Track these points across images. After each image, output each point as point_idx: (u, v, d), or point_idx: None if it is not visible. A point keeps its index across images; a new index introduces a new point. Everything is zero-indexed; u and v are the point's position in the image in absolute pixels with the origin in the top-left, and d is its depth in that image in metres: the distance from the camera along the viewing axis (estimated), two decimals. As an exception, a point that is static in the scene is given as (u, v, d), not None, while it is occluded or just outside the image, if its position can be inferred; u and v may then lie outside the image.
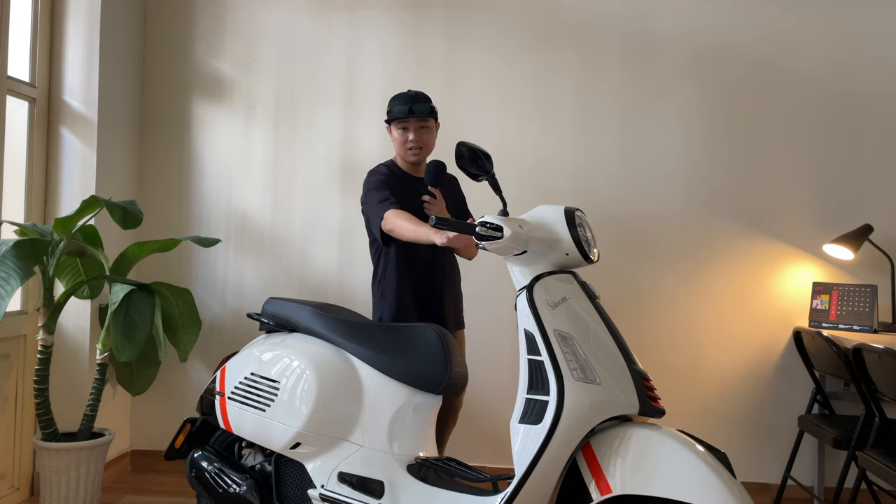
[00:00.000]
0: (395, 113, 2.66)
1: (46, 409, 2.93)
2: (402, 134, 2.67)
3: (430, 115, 2.69)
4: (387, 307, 2.69)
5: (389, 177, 2.68)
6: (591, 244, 2.08)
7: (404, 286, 2.69)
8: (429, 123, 2.69)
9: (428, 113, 2.67)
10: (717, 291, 3.46)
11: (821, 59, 3.43)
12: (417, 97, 2.66)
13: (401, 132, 2.68)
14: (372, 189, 2.64)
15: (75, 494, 2.94)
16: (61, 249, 2.88)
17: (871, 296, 3.15)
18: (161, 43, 3.73)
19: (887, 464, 2.37)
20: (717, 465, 1.73)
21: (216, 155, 3.70)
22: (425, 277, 2.70)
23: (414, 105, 2.64)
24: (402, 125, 2.67)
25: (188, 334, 3.25)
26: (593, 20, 3.52)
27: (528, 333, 1.96)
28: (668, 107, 3.49)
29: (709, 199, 3.47)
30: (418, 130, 2.67)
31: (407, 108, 2.63)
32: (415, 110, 2.63)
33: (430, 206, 2.60)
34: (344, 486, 2.17)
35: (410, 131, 2.66)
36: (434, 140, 2.75)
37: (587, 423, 1.84)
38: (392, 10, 3.61)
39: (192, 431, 2.54)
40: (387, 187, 2.62)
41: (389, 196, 2.56)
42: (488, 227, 1.97)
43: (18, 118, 3.20)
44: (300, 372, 2.27)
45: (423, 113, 2.65)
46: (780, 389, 3.42)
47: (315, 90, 3.65)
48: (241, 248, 3.68)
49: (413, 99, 2.65)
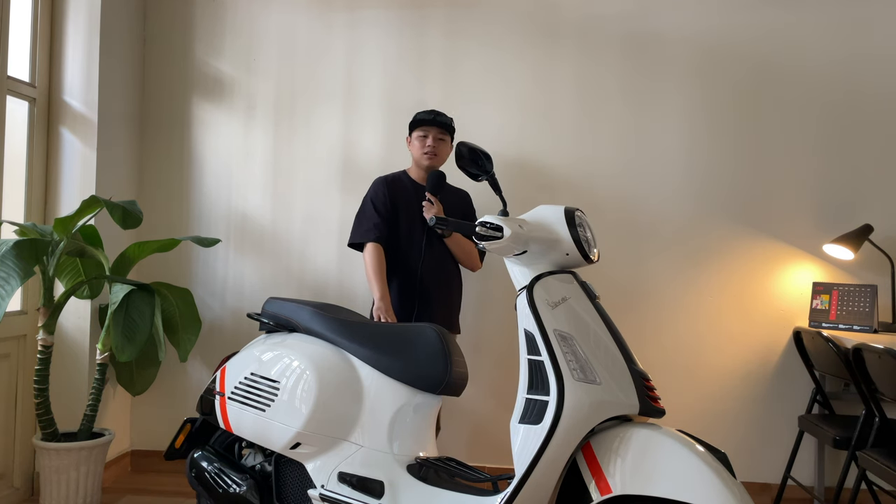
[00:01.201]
0: (420, 116, 2.93)
1: (46, 409, 2.93)
2: (422, 140, 2.94)
3: (450, 132, 2.98)
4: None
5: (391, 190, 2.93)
6: (592, 244, 2.08)
7: (393, 287, 2.91)
8: (446, 137, 2.98)
9: (449, 126, 2.96)
10: (716, 291, 3.46)
11: (822, 58, 3.43)
12: (442, 113, 2.97)
13: (421, 138, 2.94)
14: (369, 205, 2.92)
15: (75, 494, 2.94)
16: (61, 249, 2.88)
17: (871, 296, 3.15)
18: (161, 43, 3.73)
19: (887, 464, 2.37)
20: (717, 465, 1.73)
21: (216, 155, 3.70)
22: (414, 280, 2.89)
23: (438, 116, 2.94)
24: (423, 132, 2.94)
25: (188, 334, 3.25)
26: (594, 19, 3.52)
27: (528, 333, 1.96)
28: (668, 106, 3.49)
29: (709, 198, 3.47)
30: (437, 139, 2.94)
31: (432, 116, 2.93)
32: (438, 120, 2.93)
33: (427, 210, 2.83)
34: (344, 486, 2.17)
35: (430, 138, 2.93)
36: (447, 155, 3.01)
37: (587, 423, 1.84)
38: (392, 10, 3.61)
39: (192, 431, 2.54)
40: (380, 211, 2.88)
41: (378, 225, 2.84)
42: (488, 227, 1.97)
43: (18, 118, 3.20)
44: (300, 372, 2.27)
45: (446, 123, 2.94)
46: (780, 389, 3.42)
47: (315, 90, 3.65)
48: (241, 248, 3.68)
49: (437, 112, 2.95)
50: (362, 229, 2.86)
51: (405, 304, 2.90)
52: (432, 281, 2.90)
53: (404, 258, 2.91)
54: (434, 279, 2.90)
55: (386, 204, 2.90)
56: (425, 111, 2.96)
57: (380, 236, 2.82)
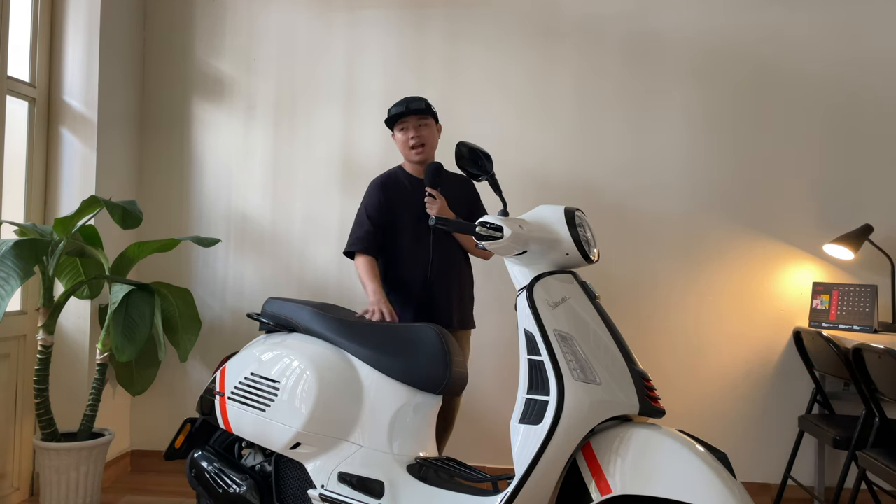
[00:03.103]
0: (393, 112, 2.76)
1: (46, 409, 2.93)
2: (404, 134, 2.77)
3: (428, 113, 2.77)
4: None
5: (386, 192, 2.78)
6: (592, 244, 2.08)
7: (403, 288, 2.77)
8: (427, 121, 2.77)
9: (425, 108, 2.75)
10: (716, 291, 3.46)
11: (823, 60, 3.43)
12: (413, 98, 2.76)
13: (402, 133, 2.77)
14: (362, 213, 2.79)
15: (75, 494, 2.94)
16: (61, 249, 2.88)
17: (871, 296, 3.15)
18: (161, 43, 3.73)
19: (887, 464, 2.37)
20: (717, 465, 1.73)
21: (216, 155, 3.70)
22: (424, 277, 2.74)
23: (410, 104, 2.73)
24: (402, 125, 2.77)
25: (188, 334, 3.24)
26: (594, 19, 3.52)
27: (528, 333, 1.96)
28: (669, 106, 3.49)
29: (709, 198, 3.47)
30: (417, 128, 2.75)
31: (404, 106, 2.73)
32: (411, 107, 2.72)
33: (430, 205, 2.66)
34: (344, 486, 2.17)
35: (410, 129, 2.75)
36: (435, 139, 2.82)
37: (587, 423, 1.84)
38: (392, 10, 3.61)
39: (192, 431, 2.54)
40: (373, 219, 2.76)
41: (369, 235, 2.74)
42: (488, 227, 1.97)
43: (18, 118, 3.20)
44: (300, 372, 2.26)
45: (420, 108, 2.73)
46: (780, 389, 3.42)
47: (315, 90, 3.65)
48: (241, 248, 3.68)
49: (408, 100, 2.75)
50: (353, 238, 2.79)
51: (419, 303, 2.75)
52: (444, 277, 2.75)
53: (412, 257, 2.76)
54: (445, 275, 2.76)
55: (380, 209, 2.77)
56: (396, 104, 2.76)
57: (368, 247, 2.74)
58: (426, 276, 2.74)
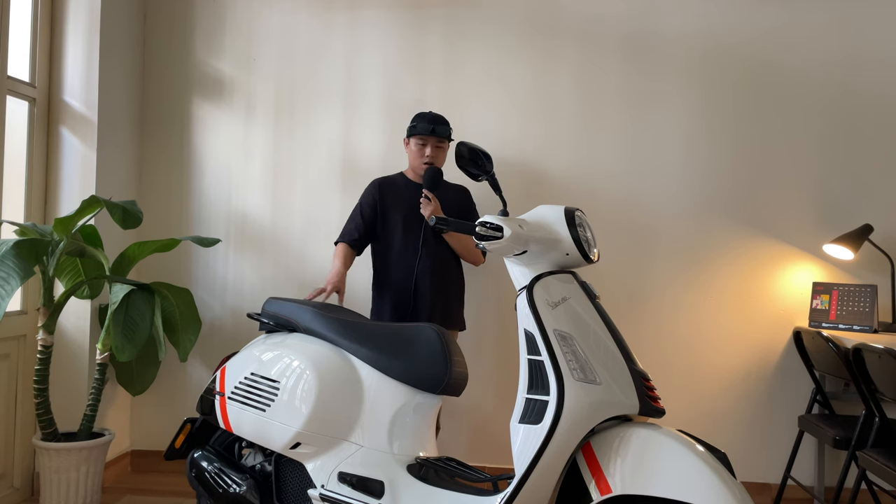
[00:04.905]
0: (419, 129, 2.92)
1: (46, 409, 2.93)
2: (420, 148, 2.95)
3: (448, 139, 2.97)
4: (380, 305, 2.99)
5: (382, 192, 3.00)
6: (592, 244, 2.08)
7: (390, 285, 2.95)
8: (444, 144, 2.98)
9: (447, 136, 2.95)
10: (716, 291, 3.46)
11: (822, 59, 3.43)
12: (441, 120, 2.95)
13: (419, 147, 2.95)
14: (356, 208, 3.03)
15: (75, 494, 2.94)
16: (61, 249, 2.88)
17: (871, 296, 3.15)
18: (161, 43, 3.73)
19: (887, 464, 2.37)
20: (717, 465, 1.73)
21: (216, 155, 3.70)
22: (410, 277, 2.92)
23: (437, 126, 2.92)
24: (422, 141, 2.94)
25: (188, 334, 3.25)
26: (594, 20, 3.52)
27: (528, 333, 1.96)
28: (668, 106, 3.49)
29: (709, 198, 3.47)
30: (435, 149, 2.95)
31: (431, 127, 2.91)
32: (437, 131, 2.92)
33: (424, 206, 2.83)
34: (344, 486, 2.17)
35: (428, 147, 2.93)
36: (444, 160, 3.02)
37: (587, 423, 1.84)
38: (392, 10, 3.61)
39: (192, 431, 2.54)
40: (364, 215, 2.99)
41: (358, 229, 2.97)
42: (488, 227, 1.97)
43: (18, 118, 3.20)
44: (300, 372, 2.27)
45: (444, 136, 2.93)
46: (780, 389, 3.42)
47: (315, 90, 3.65)
48: (241, 248, 3.68)
49: (437, 120, 2.94)
50: (342, 230, 3.03)
51: (402, 302, 2.92)
52: (429, 277, 2.91)
53: (401, 256, 2.93)
54: (431, 275, 2.92)
55: (374, 206, 2.99)
56: (424, 122, 2.93)
57: (353, 240, 2.97)
58: (412, 276, 2.91)
